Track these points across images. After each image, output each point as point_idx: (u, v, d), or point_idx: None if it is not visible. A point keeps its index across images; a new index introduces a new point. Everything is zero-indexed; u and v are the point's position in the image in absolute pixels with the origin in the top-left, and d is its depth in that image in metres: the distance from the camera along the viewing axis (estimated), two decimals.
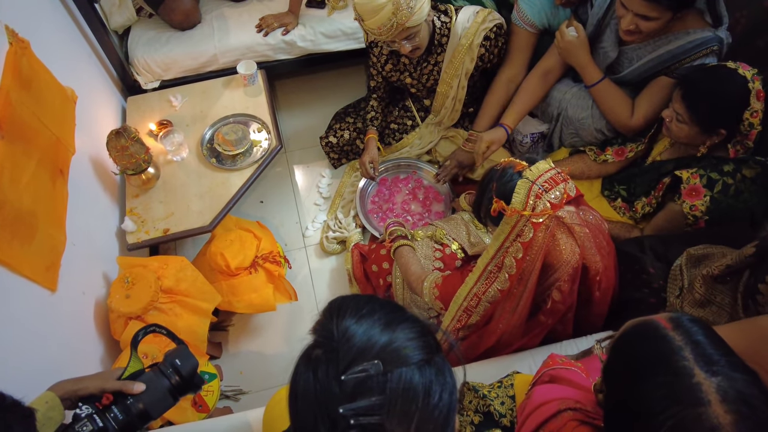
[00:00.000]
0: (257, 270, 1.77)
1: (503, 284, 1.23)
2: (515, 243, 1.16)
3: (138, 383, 0.89)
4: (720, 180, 1.46)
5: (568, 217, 1.15)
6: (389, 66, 2.02)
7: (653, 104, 1.69)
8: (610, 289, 1.38)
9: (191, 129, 2.00)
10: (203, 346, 1.54)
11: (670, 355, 0.67)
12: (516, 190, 1.11)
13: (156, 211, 1.79)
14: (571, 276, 1.18)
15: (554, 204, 1.10)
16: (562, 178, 1.13)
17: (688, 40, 1.56)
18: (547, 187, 1.10)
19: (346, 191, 2.31)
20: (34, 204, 1.27)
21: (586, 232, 1.19)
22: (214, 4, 2.38)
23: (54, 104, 1.46)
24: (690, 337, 0.69)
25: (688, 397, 0.63)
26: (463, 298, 1.30)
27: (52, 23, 1.67)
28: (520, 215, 1.11)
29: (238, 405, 1.85)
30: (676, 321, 0.72)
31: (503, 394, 1.14)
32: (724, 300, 1.27)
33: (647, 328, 0.73)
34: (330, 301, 0.68)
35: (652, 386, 0.67)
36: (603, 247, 1.26)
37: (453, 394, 0.62)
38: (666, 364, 0.67)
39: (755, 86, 1.37)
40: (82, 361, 1.42)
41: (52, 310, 1.30)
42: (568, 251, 1.16)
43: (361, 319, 0.62)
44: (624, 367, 0.74)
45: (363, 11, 1.66)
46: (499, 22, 1.88)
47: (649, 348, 0.71)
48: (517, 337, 1.34)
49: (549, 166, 1.14)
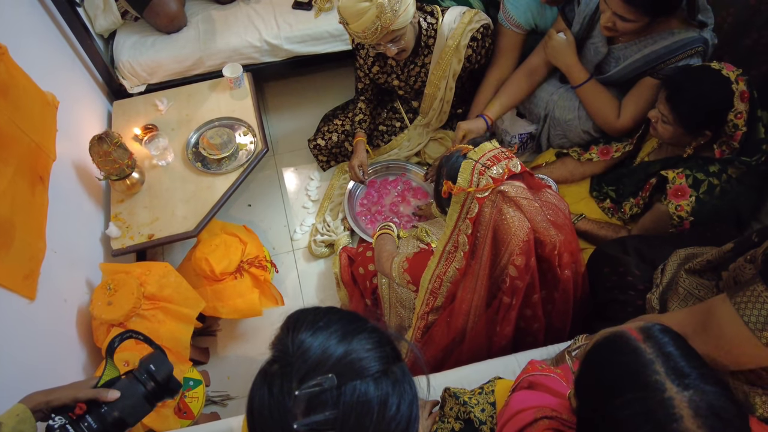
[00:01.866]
0: (242, 275, 1.76)
1: (459, 263, 1.27)
2: (465, 221, 1.21)
3: (112, 390, 0.88)
4: (705, 180, 1.45)
5: (512, 191, 1.17)
6: (376, 68, 2.01)
7: (639, 105, 1.69)
8: (578, 267, 1.37)
9: (177, 133, 1.99)
10: (186, 353, 1.53)
11: (641, 370, 0.66)
12: (461, 170, 1.18)
13: (141, 216, 1.78)
14: (523, 250, 1.19)
15: (496, 179, 1.15)
16: (505, 156, 1.19)
17: (673, 40, 1.55)
18: (489, 164, 1.16)
19: (334, 194, 2.30)
20: (11, 212, 1.25)
21: (535, 206, 1.21)
22: (200, 7, 2.36)
23: (33, 110, 1.45)
24: (661, 349, 0.68)
25: (660, 414, 0.62)
26: (428, 281, 1.35)
27: (33, 28, 1.66)
28: (466, 193, 1.17)
29: (225, 410, 1.84)
30: (647, 332, 0.71)
31: (484, 400, 1.13)
32: (707, 294, 1.27)
33: (618, 340, 0.72)
34: (288, 314, 0.67)
35: (624, 403, 0.66)
36: (561, 225, 1.26)
37: (413, 405, 0.61)
38: (637, 380, 0.66)
39: (739, 87, 1.36)
40: (64, 369, 1.41)
41: (31, 318, 1.29)
42: (516, 224, 1.17)
43: (317, 331, 0.61)
44: (595, 381, 0.73)
45: (347, 15, 1.65)
46: (486, 23, 1.87)
47: (620, 362, 0.70)
48: (486, 322, 1.34)
49: (493, 146, 1.20)
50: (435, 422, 1.16)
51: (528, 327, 1.40)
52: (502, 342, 1.38)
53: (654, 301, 1.36)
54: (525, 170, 1.22)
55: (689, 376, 0.64)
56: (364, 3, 1.59)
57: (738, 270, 1.10)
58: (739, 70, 1.39)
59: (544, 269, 1.30)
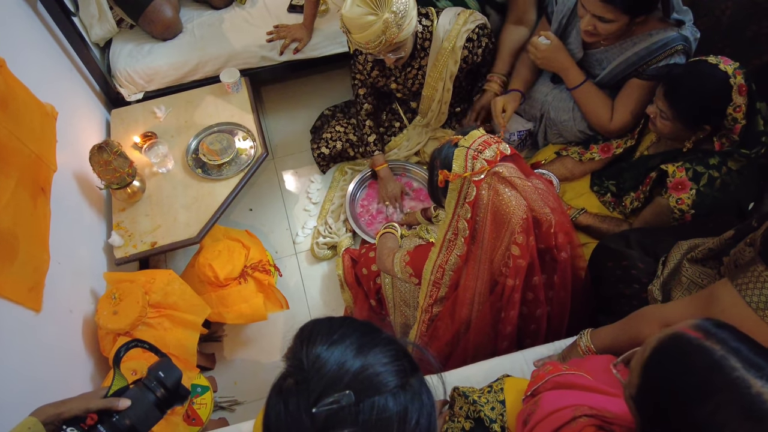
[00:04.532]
0: (247, 280, 1.76)
1: (461, 249, 1.29)
2: (464, 206, 1.24)
3: (123, 399, 0.88)
4: (706, 173, 1.46)
5: (506, 172, 1.21)
6: (375, 72, 2.00)
7: (629, 107, 1.70)
8: (574, 249, 1.38)
9: (176, 140, 1.99)
10: (193, 360, 1.53)
11: (719, 369, 0.62)
12: (455, 158, 1.21)
13: (143, 224, 1.78)
14: (524, 228, 1.22)
15: (490, 161, 1.19)
16: (495, 140, 1.23)
17: (652, 41, 1.57)
18: (481, 149, 1.20)
19: (335, 196, 2.30)
20: (14, 224, 1.25)
21: (528, 185, 1.24)
22: (195, 13, 2.36)
23: (33, 122, 1.45)
24: (727, 344, 0.64)
25: (754, 411, 0.59)
26: (430, 273, 1.37)
27: (29, 39, 1.65)
28: (462, 178, 1.21)
29: (233, 416, 1.85)
30: (704, 329, 0.66)
31: (493, 398, 1.13)
32: (710, 283, 1.27)
33: (680, 344, 0.67)
34: (302, 326, 0.66)
35: (714, 407, 0.61)
36: (553, 207, 1.29)
37: (432, 415, 0.61)
38: (719, 380, 0.62)
39: (737, 81, 1.35)
40: (71, 380, 1.41)
41: (38, 330, 1.29)
42: (513, 203, 1.20)
43: (333, 345, 0.60)
44: (669, 392, 0.67)
45: (351, 25, 1.62)
46: (482, 22, 1.86)
47: (693, 366, 0.65)
48: (491, 308, 1.35)
49: (481, 133, 1.24)
50: (445, 422, 1.16)
51: (531, 313, 1.41)
52: (507, 328, 1.39)
53: (655, 292, 1.36)
54: (515, 152, 1.26)
55: (766, 367, 0.61)
56: (370, 17, 1.57)
57: (738, 254, 1.11)
58: (737, 63, 1.38)
59: (542, 251, 1.32)
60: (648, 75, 1.62)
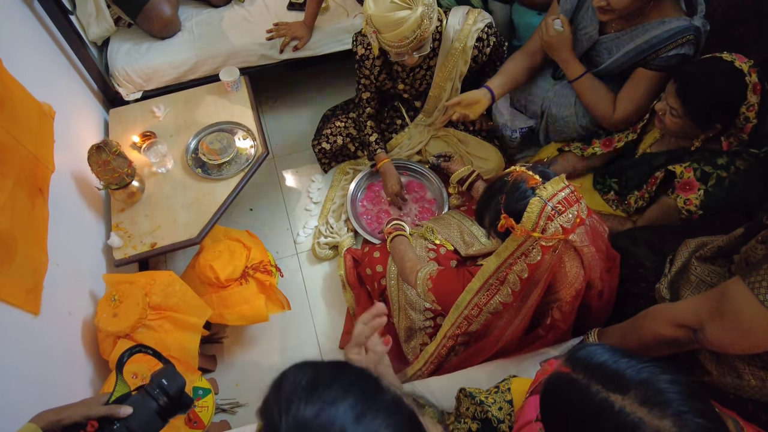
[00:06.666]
0: (248, 281, 1.74)
1: (506, 298, 1.21)
2: (521, 262, 1.12)
3: (125, 407, 0.87)
4: (714, 173, 1.43)
5: (577, 240, 1.13)
6: (383, 76, 1.98)
7: (634, 98, 1.68)
8: (612, 297, 1.36)
9: (175, 139, 1.97)
10: (194, 362, 1.51)
11: (587, 399, 0.66)
12: (528, 209, 1.05)
13: (142, 225, 1.76)
14: (574, 297, 1.17)
15: (566, 228, 1.05)
16: (575, 198, 1.08)
17: (664, 29, 1.54)
18: (560, 209, 1.05)
19: (336, 195, 2.28)
20: (11, 226, 1.23)
21: (593, 251, 1.17)
22: (194, 11, 2.34)
23: (30, 122, 1.43)
24: (589, 369, 0.68)
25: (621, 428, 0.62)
26: (464, 307, 1.29)
27: (26, 38, 1.63)
28: (529, 236, 1.07)
29: (235, 418, 1.83)
30: (570, 360, 0.71)
31: (501, 399, 1.11)
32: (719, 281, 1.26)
33: (557, 382, 0.72)
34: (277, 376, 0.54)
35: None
36: (603, 251, 1.24)
37: None
38: (588, 409, 0.66)
39: (752, 79, 1.32)
40: (71, 383, 1.39)
41: (37, 334, 1.27)
42: (573, 274, 1.14)
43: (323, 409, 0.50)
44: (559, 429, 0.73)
45: (382, 24, 1.55)
46: (489, 21, 1.85)
47: (567, 401, 0.70)
48: (514, 347, 1.33)
49: (564, 184, 1.09)
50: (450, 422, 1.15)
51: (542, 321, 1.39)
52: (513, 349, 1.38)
53: (663, 291, 1.35)
54: (590, 213, 1.18)
55: (622, 378, 0.65)
56: (403, 12, 1.51)
57: (750, 251, 1.09)
58: (751, 61, 1.35)
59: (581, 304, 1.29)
60: (655, 65, 1.59)
